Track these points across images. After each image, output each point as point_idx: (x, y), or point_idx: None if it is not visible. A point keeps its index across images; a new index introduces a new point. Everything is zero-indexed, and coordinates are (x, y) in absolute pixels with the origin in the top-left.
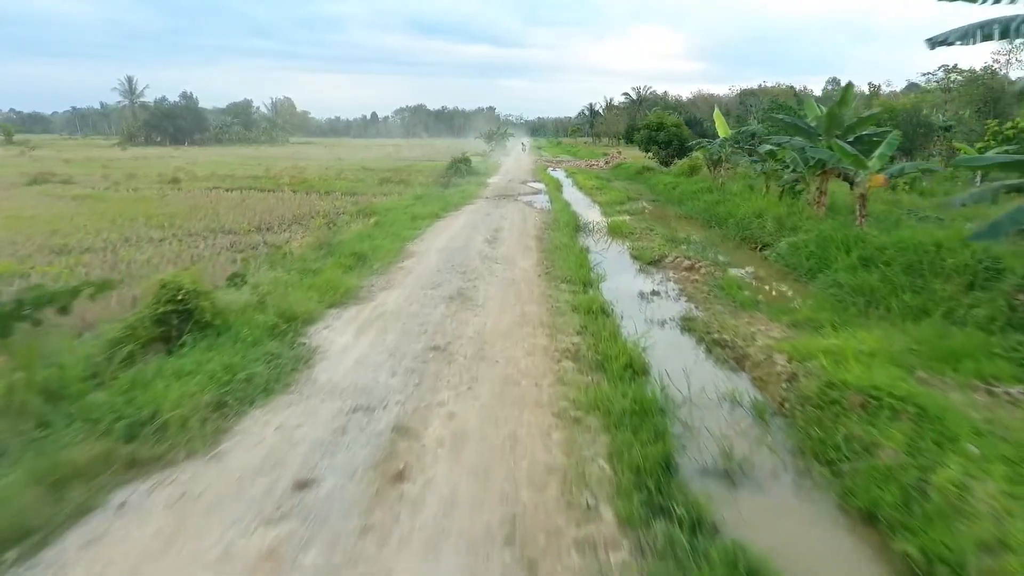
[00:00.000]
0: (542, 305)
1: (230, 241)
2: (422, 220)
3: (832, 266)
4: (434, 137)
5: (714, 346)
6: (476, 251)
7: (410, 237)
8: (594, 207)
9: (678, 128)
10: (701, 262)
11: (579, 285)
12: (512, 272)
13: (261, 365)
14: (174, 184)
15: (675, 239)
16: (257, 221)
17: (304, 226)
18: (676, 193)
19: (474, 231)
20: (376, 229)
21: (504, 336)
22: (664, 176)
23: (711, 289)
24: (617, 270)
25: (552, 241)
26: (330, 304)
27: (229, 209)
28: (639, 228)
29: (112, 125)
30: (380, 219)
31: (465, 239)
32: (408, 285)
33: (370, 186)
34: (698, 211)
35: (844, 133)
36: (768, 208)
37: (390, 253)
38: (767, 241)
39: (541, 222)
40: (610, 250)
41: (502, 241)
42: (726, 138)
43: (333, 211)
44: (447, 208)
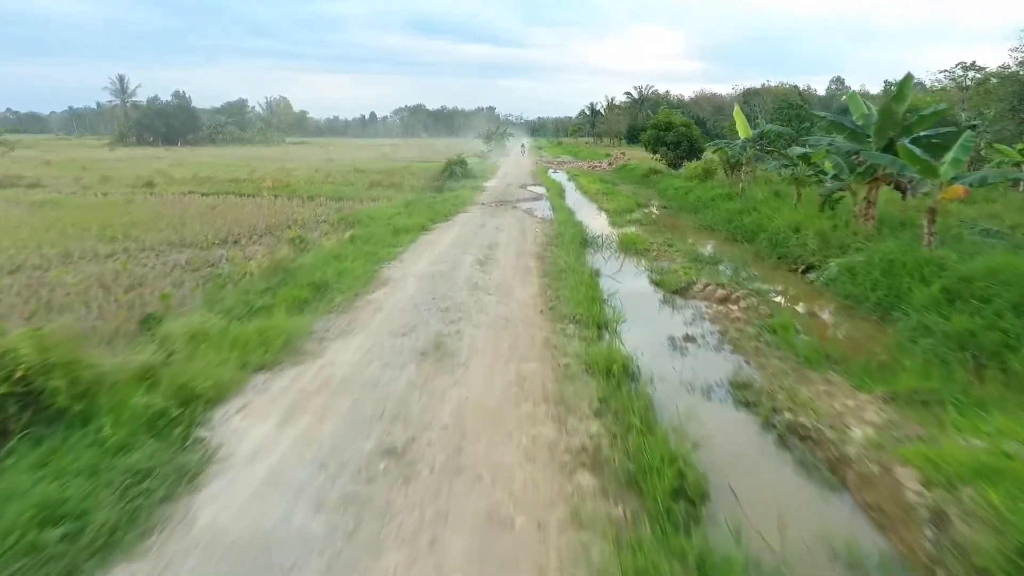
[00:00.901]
0: (545, 362)
1: (187, 257)
2: (405, 234)
3: (906, 299)
4: (433, 137)
5: (789, 436)
6: (464, 277)
7: (388, 257)
8: (600, 215)
9: (688, 128)
10: (737, 291)
11: (591, 327)
12: (507, 307)
13: (111, 495)
14: (148, 188)
15: (698, 257)
16: (225, 232)
17: (277, 237)
18: (690, 200)
19: (464, 249)
20: (350, 246)
21: (492, 422)
22: (674, 180)
23: (759, 332)
24: (636, 303)
25: (556, 262)
26: (258, 366)
27: (197, 217)
28: (655, 243)
29: (107, 125)
30: (359, 232)
31: (453, 260)
32: (372, 330)
33: (359, 190)
34: (719, 222)
35: (900, 133)
36: (807, 221)
37: (359, 280)
38: (810, 262)
39: (543, 235)
40: (624, 272)
41: (496, 262)
42: (748, 139)
43: (312, 219)
44: (436, 218)
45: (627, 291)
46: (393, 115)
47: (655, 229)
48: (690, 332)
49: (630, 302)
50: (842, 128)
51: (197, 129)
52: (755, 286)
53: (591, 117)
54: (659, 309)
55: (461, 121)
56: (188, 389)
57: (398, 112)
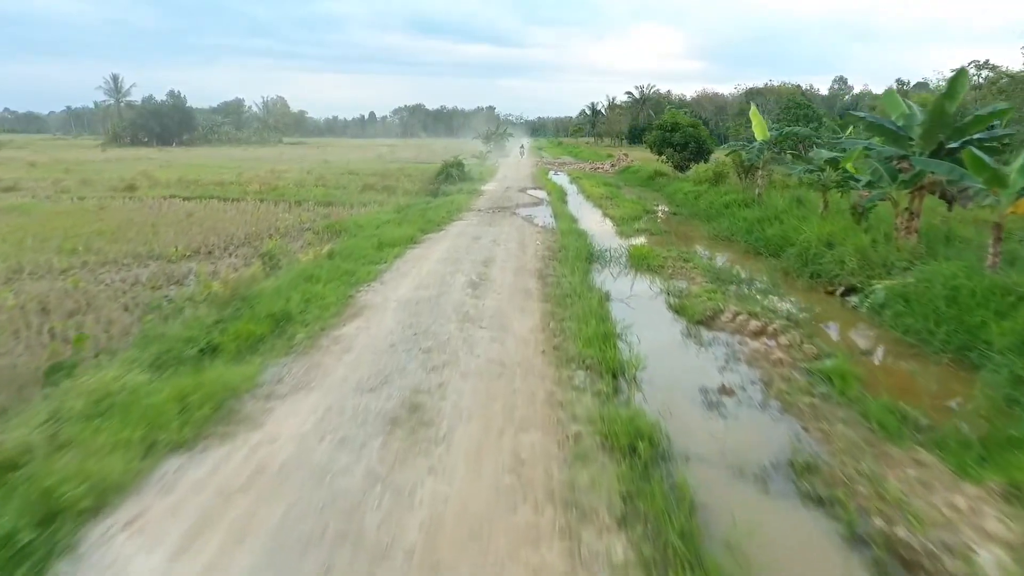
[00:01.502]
0: (549, 432)
1: (151, 272)
2: (391, 248)
3: (982, 337)
4: (432, 137)
5: (890, 561)
6: (453, 305)
7: (368, 277)
8: (606, 222)
9: (695, 129)
10: (773, 322)
11: (605, 375)
12: (503, 346)
13: None
14: (129, 192)
15: (719, 275)
16: (199, 242)
17: (255, 248)
18: (701, 206)
19: (456, 267)
20: (326, 263)
21: (478, 543)
22: (682, 183)
23: (810, 381)
24: (655, 337)
25: (559, 282)
26: (173, 446)
27: (172, 225)
28: (669, 257)
29: (103, 125)
30: (340, 245)
31: (441, 281)
32: (334, 382)
33: (350, 194)
34: (737, 232)
35: (951, 136)
36: (840, 234)
37: (330, 309)
38: (850, 283)
39: (544, 248)
40: (638, 295)
41: (492, 283)
42: (765, 141)
43: (296, 227)
44: (428, 227)
45: (643, 321)
46: (392, 115)
47: (666, 240)
48: (726, 381)
49: (648, 336)
50: (880, 130)
51: (193, 129)
52: (790, 313)
53: (592, 117)
54: (683, 346)
55: (461, 121)
56: (56, 496)
57: (397, 112)
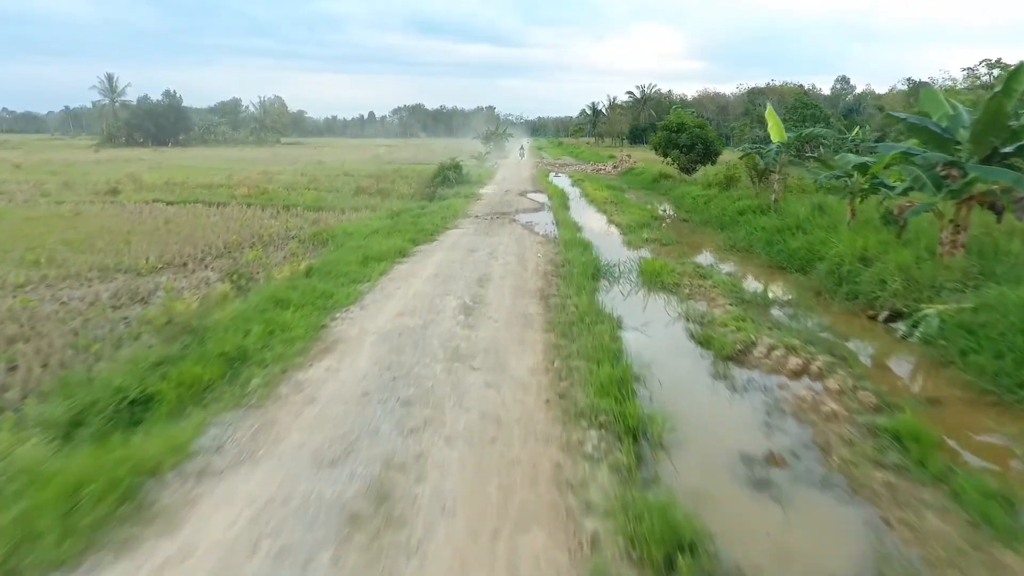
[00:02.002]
0: (555, 532)
1: (116, 288)
2: (377, 264)
3: None
4: (432, 137)
5: None
6: (442, 337)
7: (346, 300)
8: (611, 230)
9: (702, 129)
10: (816, 358)
11: (624, 438)
12: (499, 394)
13: None
14: (111, 196)
15: (743, 295)
16: (174, 252)
17: (234, 259)
18: (713, 212)
19: (447, 287)
20: (302, 283)
21: None
22: (689, 187)
23: (877, 445)
24: (680, 380)
25: (564, 304)
26: (48, 566)
27: (148, 233)
28: (685, 274)
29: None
30: (321, 260)
31: (429, 306)
32: (283, 454)
33: (343, 197)
34: (757, 243)
35: (1007, 139)
36: (877, 248)
37: (297, 343)
38: (895, 308)
39: (546, 262)
40: (654, 321)
41: (487, 308)
42: (784, 143)
43: (281, 235)
44: (420, 237)
45: (663, 357)
46: (392, 115)
47: (678, 250)
48: (773, 445)
49: (671, 378)
50: (923, 132)
51: (188, 129)
52: (832, 346)
53: (592, 117)
54: (714, 393)
55: (460, 121)
56: None
57: (397, 112)
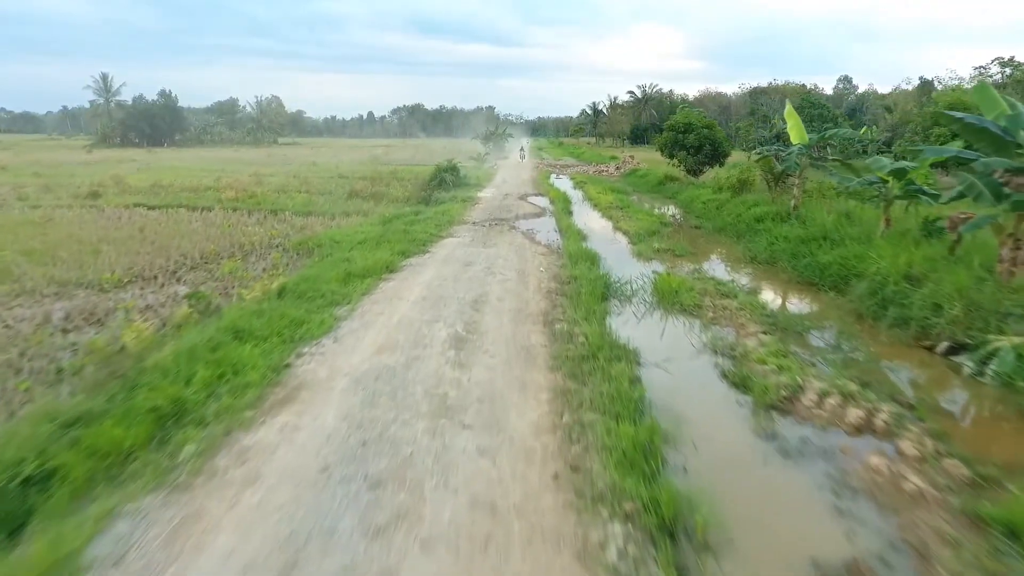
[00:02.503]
0: None
1: (72, 307)
2: (360, 281)
3: None
4: (431, 137)
5: None
6: (427, 381)
7: (318, 331)
8: (619, 238)
9: (710, 130)
10: (880, 409)
11: (655, 534)
12: (495, 468)
13: None
14: (91, 199)
15: (774, 319)
16: (145, 264)
17: (209, 272)
18: (726, 218)
19: (437, 312)
20: (271, 308)
21: None
22: (698, 190)
23: (988, 547)
24: (718, 439)
25: (572, 333)
26: None
27: (122, 242)
28: (705, 291)
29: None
30: (298, 276)
31: (416, 337)
32: (203, 567)
33: (334, 201)
34: (780, 254)
35: None
36: (923, 265)
37: (248, 392)
38: (957, 339)
39: (549, 277)
40: (678, 354)
41: (483, 338)
42: (806, 144)
43: (264, 243)
44: (410, 249)
45: (694, 405)
46: (391, 115)
47: (695, 262)
48: (852, 549)
49: (707, 438)
50: (979, 133)
51: (184, 130)
52: (892, 388)
53: (593, 117)
54: (764, 461)
55: (460, 121)
56: None
57: (396, 112)
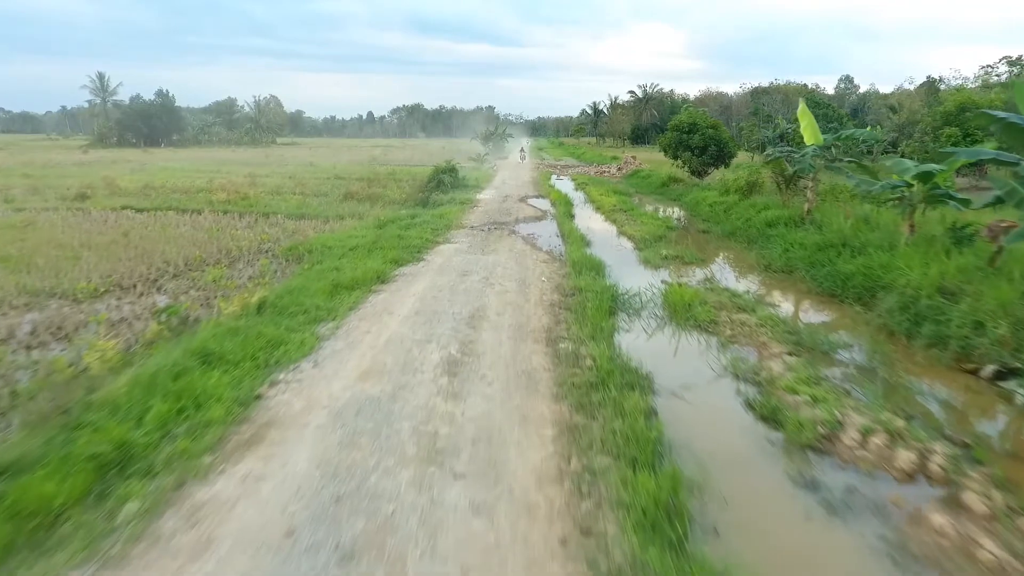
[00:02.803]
0: None
1: (41, 319)
2: (348, 294)
3: None
4: (431, 137)
5: None
6: (416, 415)
7: (298, 353)
8: (624, 243)
9: (716, 130)
10: (931, 450)
11: None
12: (492, 529)
13: None
14: (78, 202)
15: (798, 337)
16: (124, 271)
17: (192, 281)
18: (735, 222)
19: (431, 330)
20: (248, 326)
21: None
22: (704, 192)
23: None
24: (751, 490)
25: (578, 355)
26: None
27: (102, 247)
28: (721, 306)
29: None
30: (281, 288)
31: (404, 361)
32: None
33: (329, 203)
34: (797, 262)
35: None
36: (956, 277)
37: (208, 433)
38: (1006, 363)
39: (552, 288)
40: (694, 379)
41: (480, 361)
42: (820, 146)
43: (253, 248)
44: (404, 257)
45: (720, 446)
46: (391, 115)
47: (705, 270)
48: None
49: (739, 489)
50: (1020, 133)
51: (182, 130)
52: (944, 427)
53: (594, 117)
54: (807, 518)
55: (460, 121)
56: None
57: (396, 112)
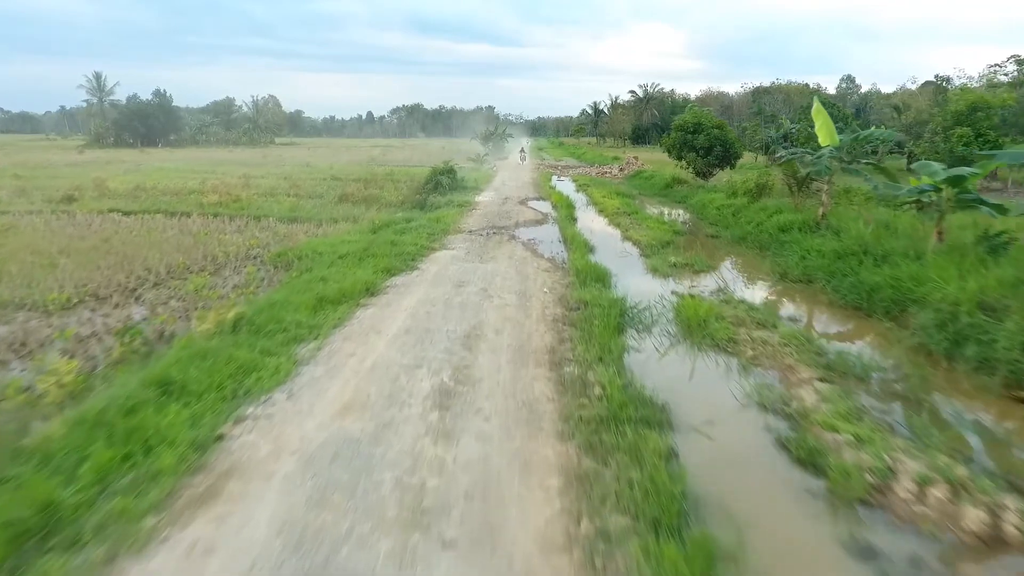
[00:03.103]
0: None
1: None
2: (333, 309)
3: None
4: (430, 137)
5: None
6: (400, 463)
7: (268, 382)
8: (629, 249)
9: (721, 130)
10: (1001, 507)
11: None
12: None
13: None
14: (65, 204)
15: (826, 359)
16: (101, 280)
17: (172, 290)
18: (745, 226)
19: (421, 353)
20: (219, 349)
21: None
22: (710, 194)
23: None
24: (790, 557)
25: (584, 381)
26: None
27: (82, 253)
28: (739, 321)
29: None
30: (262, 302)
31: (390, 392)
32: None
33: (324, 205)
34: (815, 271)
35: None
36: (999, 291)
37: (155, 487)
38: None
39: (555, 300)
40: (718, 412)
41: (475, 390)
42: (836, 147)
43: (241, 254)
44: (396, 266)
45: (753, 498)
46: (390, 115)
47: (717, 279)
48: None
49: (781, 555)
50: None
51: (179, 130)
52: (1003, 461)
53: (594, 116)
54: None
55: (460, 121)
56: None
57: (395, 112)
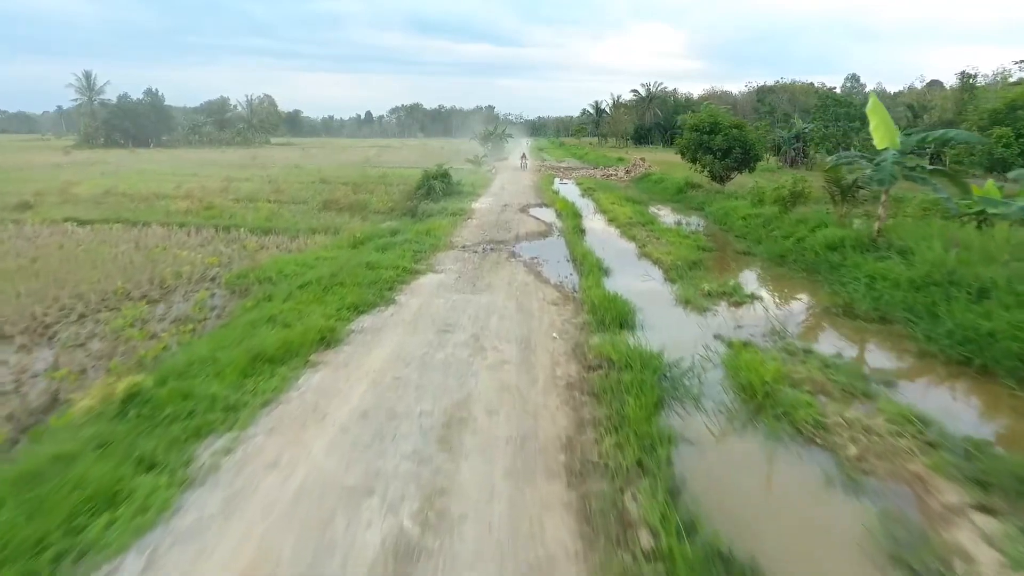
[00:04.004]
0: None
1: None
2: (269, 373)
3: None
4: (430, 137)
5: None
6: None
7: (120, 540)
8: (650, 270)
9: (740, 130)
10: None
11: None
12: None
13: None
14: (18, 212)
15: (974, 461)
16: (16, 309)
17: (97, 325)
18: (780, 241)
19: (377, 457)
20: (76, 452)
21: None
22: (731, 202)
23: None
24: None
25: (620, 509)
26: None
27: (7, 275)
28: (820, 389)
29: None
30: (175, 363)
31: (316, 549)
32: None
33: (305, 213)
34: (891, 307)
35: None
36: None
37: None
38: None
39: (569, 353)
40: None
41: (453, 538)
42: (898, 150)
43: (196, 274)
44: (368, 299)
45: None
46: (390, 115)
47: (767, 314)
48: None
49: None
50: None
51: (172, 130)
52: None
53: (595, 116)
54: None
55: (459, 121)
56: None
57: (395, 111)
